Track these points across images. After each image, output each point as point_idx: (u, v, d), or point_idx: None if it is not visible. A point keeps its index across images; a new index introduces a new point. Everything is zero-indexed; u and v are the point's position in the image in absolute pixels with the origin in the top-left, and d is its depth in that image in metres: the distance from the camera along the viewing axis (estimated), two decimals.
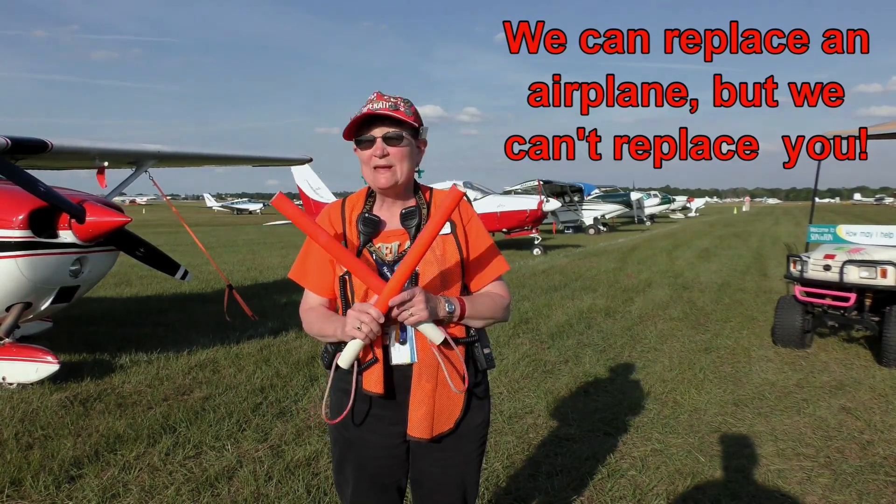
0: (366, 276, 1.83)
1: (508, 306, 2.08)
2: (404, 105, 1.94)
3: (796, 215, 54.60)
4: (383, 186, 1.94)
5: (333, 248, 1.83)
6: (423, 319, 1.80)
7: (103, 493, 3.54)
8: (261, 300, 9.83)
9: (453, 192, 1.80)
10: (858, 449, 4.30)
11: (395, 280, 1.77)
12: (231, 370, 5.97)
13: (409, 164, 1.95)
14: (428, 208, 2.01)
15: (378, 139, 1.90)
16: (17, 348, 5.43)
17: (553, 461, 4.02)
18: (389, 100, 1.92)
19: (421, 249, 1.79)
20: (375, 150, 1.90)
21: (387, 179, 1.92)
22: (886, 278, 6.21)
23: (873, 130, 7.24)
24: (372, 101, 1.92)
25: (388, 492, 2.06)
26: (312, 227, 1.82)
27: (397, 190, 1.98)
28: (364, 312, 1.77)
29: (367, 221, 1.97)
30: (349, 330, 1.79)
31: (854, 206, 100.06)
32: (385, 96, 1.93)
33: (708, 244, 22.55)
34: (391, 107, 1.90)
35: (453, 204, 1.78)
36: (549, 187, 24.87)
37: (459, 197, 1.79)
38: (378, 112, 1.88)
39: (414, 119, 1.94)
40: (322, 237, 1.81)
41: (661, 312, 9.24)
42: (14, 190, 5.23)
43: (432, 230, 1.79)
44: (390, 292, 1.77)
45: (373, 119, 1.90)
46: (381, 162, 1.90)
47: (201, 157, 8.24)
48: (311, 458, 4.01)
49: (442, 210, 1.79)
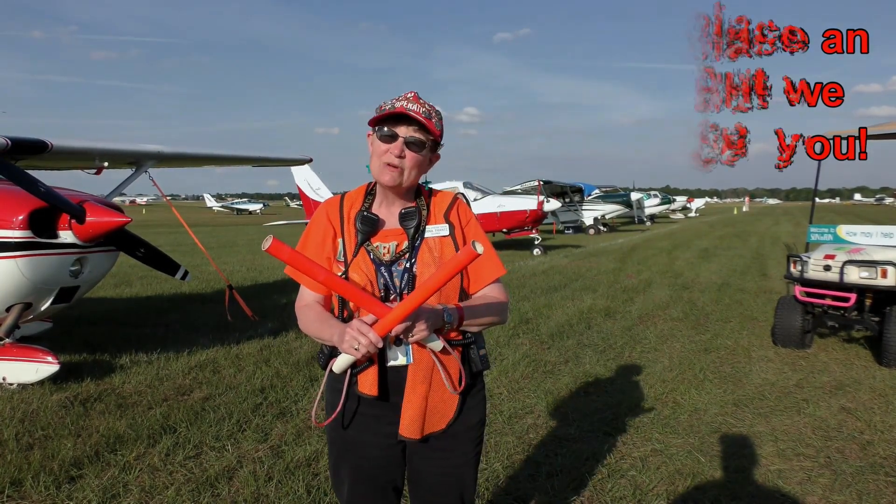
0: (370, 304, 1.81)
1: (506, 309, 2.08)
2: (436, 117, 1.94)
3: (796, 215, 54.59)
4: (386, 184, 1.94)
5: (334, 283, 1.82)
6: (424, 338, 1.81)
7: (103, 493, 3.54)
8: (261, 300, 9.82)
9: (468, 249, 1.71)
10: (858, 449, 4.30)
11: (399, 311, 1.74)
12: (231, 370, 5.97)
13: (419, 172, 1.95)
14: (428, 210, 2.01)
15: (400, 138, 1.90)
16: (17, 349, 5.43)
17: (553, 461, 4.02)
18: (425, 105, 1.92)
19: (427, 292, 1.73)
20: (394, 149, 1.90)
21: (392, 178, 1.92)
22: (887, 278, 6.21)
23: (873, 130, 7.25)
24: (409, 99, 1.91)
25: (384, 492, 2.06)
26: (310, 265, 1.79)
27: (399, 191, 1.98)
28: (364, 336, 1.75)
29: (366, 220, 1.96)
30: (346, 348, 1.79)
31: (854, 207, 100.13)
32: (421, 100, 1.93)
33: (708, 244, 22.55)
34: (425, 114, 1.89)
35: (466, 260, 1.72)
36: (549, 187, 24.86)
37: (473, 258, 1.71)
38: (412, 114, 1.87)
39: (440, 134, 1.94)
40: (321, 274, 1.79)
41: (661, 312, 9.24)
42: (14, 190, 5.23)
43: (441, 279, 1.73)
44: (392, 322, 1.75)
45: (402, 116, 1.89)
46: (394, 161, 1.90)
47: (201, 157, 8.25)
48: (311, 458, 4.01)
49: (454, 262, 1.73)
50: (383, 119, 1.90)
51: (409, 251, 1.95)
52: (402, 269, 1.93)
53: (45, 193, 5.07)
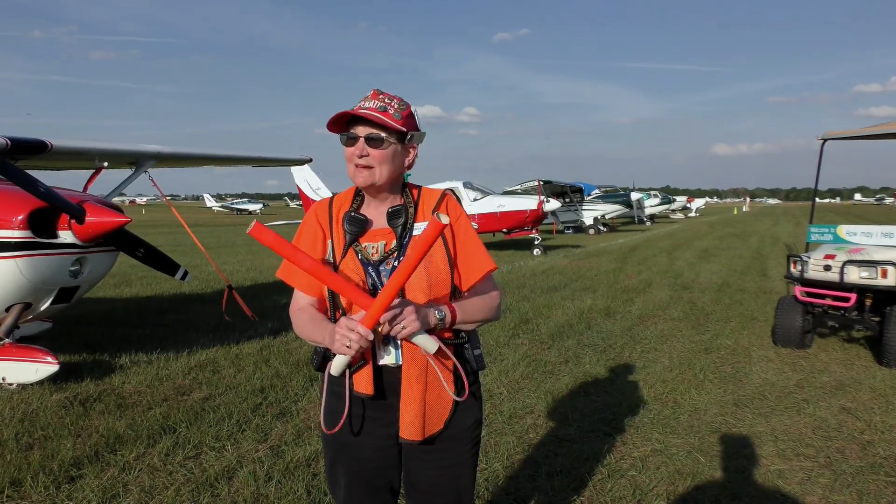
0: (354, 295, 1.81)
1: (499, 306, 2.07)
2: (397, 106, 1.92)
3: (796, 215, 54.60)
4: (360, 185, 1.96)
5: (318, 271, 1.81)
6: (415, 331, 1.79)
7: (103, 493, 3.54)
8: (260, 300, 9.82)
9: (433, 222, 1.72)
10: (858, 449, 4.29)
11: (382, 298, 1.74)
12: (231, 370, 5.97)
13: (390, 167, 1.93)
14: (415, 207, 2.01)
15: (361, 138, 1.90)
16: (16, 349, 5.43)
17: (553, 461, 4.02)
18: (383, 100, 1.91)
19: (405, 272, 1.74)
20: (356, 150, 1.91)
21: (364, 179, 1.93)
22: (887, 278, 6.21)
23: (872, 130, 7.25)
24: (366, 98, 1.92)
25: (380, 493, 2.05)
26: (293, 252, 1.79)
27: (377, 190, 1.98)
28: (352, 331, 1.75)
29: (354, 220, 1.96)
30: (338, 347, 1.79)
31: (854, 206, 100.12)
32: (380, 95, 1.92)
33: (708, 244, 22.55)
34: (380, 108, 1.89)
35: (435, 233, 1.72)
36: (549, 187, 24.87)
37: (441, 229, 1.71)
38: (359, 113, 1.88)
39: (403, 123, 1.91)
40: (305, 261, 1.79)
41: (661, 313, 9.24)
42: (14, 190, 5.23)
43: (415, 257, 1.73)
44: (378, 310, 1.75)
45: (356, 117, 1.90)
46: (360, 161, 1.91)
47: (201, 157, 8.24)
48: (310, 458, 4.01)
49: (423, 238, 1.73)
50: (344, 124, 1.92)
51: (397, 250, 1.95)
52: (391, 269, 1.92)
53: (45, 193, 5.07)
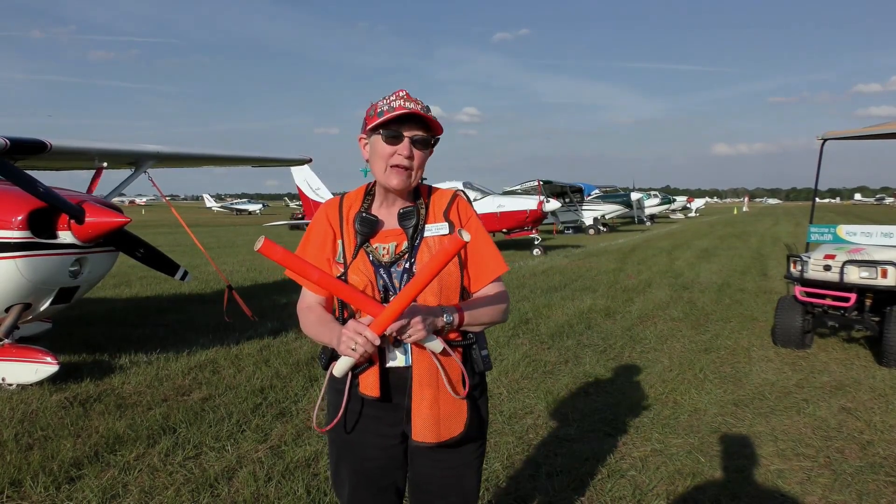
0: (364, 303, 1.80)
1: (507, 308, 2.05)
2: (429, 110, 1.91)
3: (796, 215, 54.59)
4: (395, 187, 1.90)
5: (327, 283, 1.80)
6: (422, 338, 1.79)
7: (103, 493, 3.54)
8: (260, 301, 9.82)
9: (454, 238, 1.68)
10: (858, 449, 4.29)
11: (392, 308, 1.72)
12: (231, 371, 5.97)
13: (422, 171, 1.93)
14: (427, 208, 1.99)
15: (406, 139, 1.86)
16: (16, 349, 5.43)
17: (553, 461, 4.02)
18: (419, 103, 1.88)
19: (418, 286, 1.71)
20: (401, 150, 1.86)
21: (400, 181, 1.89)
22: (887, 278, 6.21)
23: (872, 130, 7.25)
24: (403, 98, 1.86)
25: (385, 493, 2.04)
26: (303, 266, 1.77)
27: (404, 192, 1.96)
28: (359, 335, 1.73)
29: (365, 221, 1.94)
30: (343, 349, 1.78)
31: (854, 206, 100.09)
32: (414, 98, 1.88)
33: (708, 244, 22.55)
34: (424, 110, 1.86)
35: (454, 250, 1.69)
36: (549, 187, 24.86)
37: (461, 247, 1.68)
38: (416, 112, 1.83)
39: (441, 130, 1.92)
40: (314, 274, 1.77)
41: (661, 313, 9.24)
42: (13, 190, 5.23)
43: (430, 273, 1.70)
44: (387, 320, 1.73)
45: (404, 118, 1.85)
46: (403, 163, 1.87)
47: (201, 157, 8.24)
48: (310, 458, 4.01)
49: (442, 253, 1.70)
50: (385, 122, 1.86)
51: (408, 251, 1.92)
52: (402, 270, 1.90)
53: (45, 194, 5.06)
